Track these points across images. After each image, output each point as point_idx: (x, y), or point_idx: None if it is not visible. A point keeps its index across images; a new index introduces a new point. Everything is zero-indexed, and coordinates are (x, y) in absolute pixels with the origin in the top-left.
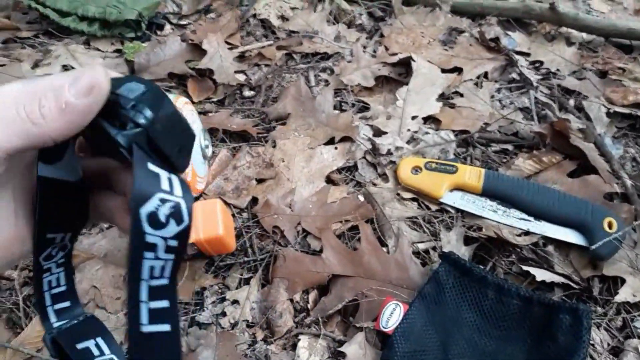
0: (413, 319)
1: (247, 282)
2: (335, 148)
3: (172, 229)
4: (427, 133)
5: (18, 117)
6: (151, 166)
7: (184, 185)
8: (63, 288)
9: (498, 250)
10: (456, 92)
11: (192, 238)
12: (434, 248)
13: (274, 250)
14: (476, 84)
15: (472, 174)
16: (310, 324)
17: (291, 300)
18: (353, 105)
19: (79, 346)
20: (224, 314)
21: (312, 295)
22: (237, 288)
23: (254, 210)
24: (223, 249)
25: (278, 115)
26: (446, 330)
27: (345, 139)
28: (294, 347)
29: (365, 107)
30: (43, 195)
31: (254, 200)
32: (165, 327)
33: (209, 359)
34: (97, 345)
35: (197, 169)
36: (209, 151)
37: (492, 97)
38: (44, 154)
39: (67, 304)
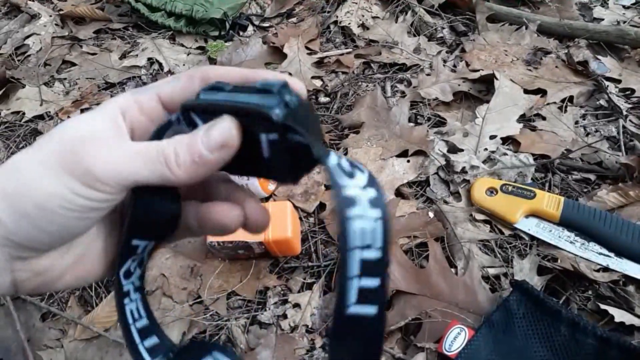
0: (478, 346)
1: (309, 286)
2: (408, 161)
3: (376, 213)
4: (505, 154)
5: (157, 159)
6: (331, 159)
7: (372, 177)
8: (145, 321)
9: (573, 284)
10: (538, 115)
11: (261, 237)
12: (504, 274)
13: (338, 258)
14: (560, 108)
15: (551, 202)
16: None
17: None
18: (429, 119)
19: None
20: (285, 316)
21: None
22: (299, 292)
23: (320, 216)
24: (289, 251)
25: (352, 123)
26: None
27: (418, 153)
28: None
29: (441, 122)
30: (137, 197)
31: (322, 206)
32: (372, 310)
33: (268, 359)
34: None
35: None
36: None
37: (577, 122)
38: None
39: (155, 339)
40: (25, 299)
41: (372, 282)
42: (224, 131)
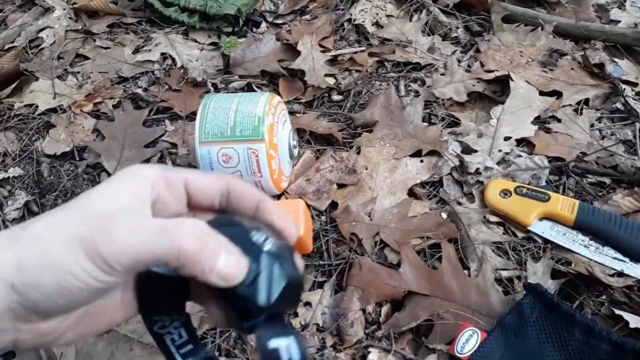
0: (490, 349)
1: (320, 285)
2: (421, 161)
3: None
4: (519, 156)
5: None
6: (271, 343)
7: (300, 343)
8: (185, 338)
9: (587, 289)
10: (553, 117)
11: None
12: (518, 277)
13: (350, 257)
14: (575, 111)
15: (565, 205)
16: (381, 338)
17: (363, 310)
18: (443, 119)
19: None
20: (296, 314)
21: (385, 309)
22: (310, 290)
23: (332, 215)
24: (301, 250)
25: (365, 122)
26: None
27: (432, 153)
28: (363, 358)
29: (455, 122)
30: (142, 286)
31: (334, 205)
32: None
33: None
34: None
35: (283, 168)
36: (296, 151)
37: (592, 125)
38: None
39: (190, 346)
40: None
41: None
42: (234, 267)
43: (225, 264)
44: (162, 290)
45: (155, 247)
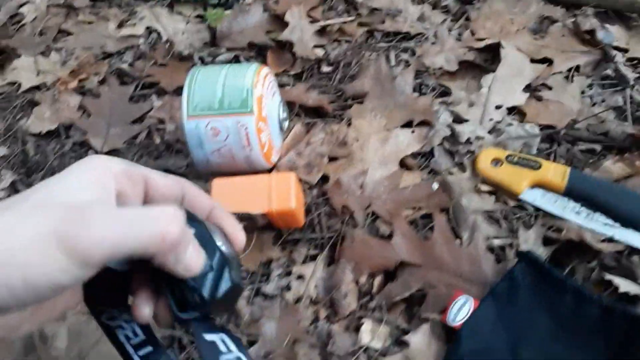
0: (483, 316)
1: (313, 258)
2: (412, 132)
3: None
4: (510, 124)
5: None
6: (207, 336)
7: (235, 339)
8: (142, 338)
9: (578, 255)
10: (544, 85)
11: (264, 209)
12: (510, 245)
13: (342, 230)
14: (566, 78)
15: (557, 172)
16: (374, 309)
17: (356, 282)
18: (433, 89)
19: None
20: (289, 287)
21: (378, 280)
22: (302, 263)
23: (324, 188)
24: (293, 223)
25: (355, 93)
26: (517, 332)
27: (423, 123)
28: (356, 329)
29: (446, 92)
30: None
31: (325, 178)
32: None
33: (272, 330)
34: None
35: (274, 141)
36: (286, 124)
37: (583, 92)
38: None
39: (149, 349)
40: None
41: None
42: (196, 262)
43: (191, 255)
44: (107, 282)
45: (137, 234)
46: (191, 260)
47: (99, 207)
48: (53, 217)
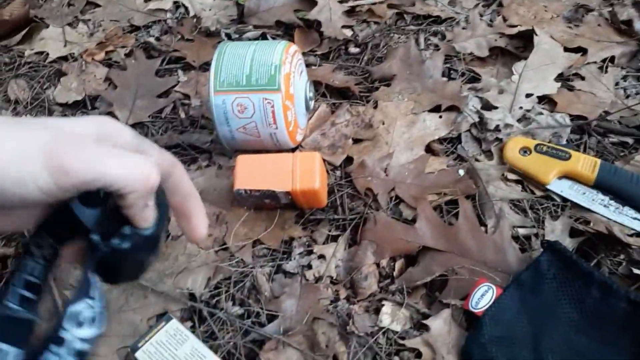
0: (506, 305)
1: (334, 239)
2: (440, 117)
3: (86, 332)
4: (540, 113)
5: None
6: (89, 274)
7: (104, 300)
8: (37, 281)
9: (605, 248)
10: (577, 74)
11: (288, 187)
12: (535, 235)
13: (364, 212)
14: (600, 68)
15: (586, 164)
16: (394, 292)
17: (377, 264)
18: (463, 74)
19: None
20: (309, 266)
21: (399, 264)
22: (324, 243)
23: (347, 170)
24: (315, 203)
25: (382, 75)
26: (540, 322)
27: (451, 109)
28: (376, 311)
29: (475, 78)
30: (58, 215)
31: (349, 160)
32: None
33: (292, 307)
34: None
35: (299, 120)
36: (312, 104)
37: (617, 84)
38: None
39: (33, 296)
40: None
41: None
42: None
43: (150, 209)
44: (62, 215)
45: (126, 168)
46: (150, 213)
47: (95, 140)
48: (46, 134)
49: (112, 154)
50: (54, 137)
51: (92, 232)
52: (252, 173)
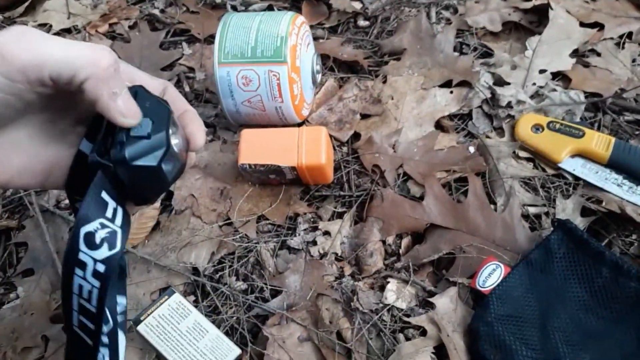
0: (514, 283)
1: (339, 216)
2: (451, 92)
3: (104, 252)
4: (554, 90)
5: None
6: (104, 194)
7: (126, 217)
8: None
9: (617, 228)
10: (592, 50)
11: (293, 162)
12: (546, 214)
13: (371, 189)
14: (617, 44)
15: (600, 142)
16: (400, 269)
17: (383, 241)
18: (475, 49)
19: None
20: (314, 242)
21: (406, 241)
22: (329, 220)
23: (354, 146)
24: (321, 179)
25: (392, 49)
26: (548, 302)
27: (462, 84)
28: (381, 288)
29: (487, 53)
30: (75, 164)
31: (356, 136)
32: (89, 341)
33: (296, 283)
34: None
35: (306, 94)
36: (319, 78)
37: (634, 61)
38: (90, 133)
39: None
40: (54, 212)
41: (88, 323)
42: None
43: (125, 100)
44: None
45: (73, 52)
46: (126, 104)
47: (43, 33)
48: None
49: (57, 41)
50: (3, 34)
51: (90, 152)
52: (257, 147)
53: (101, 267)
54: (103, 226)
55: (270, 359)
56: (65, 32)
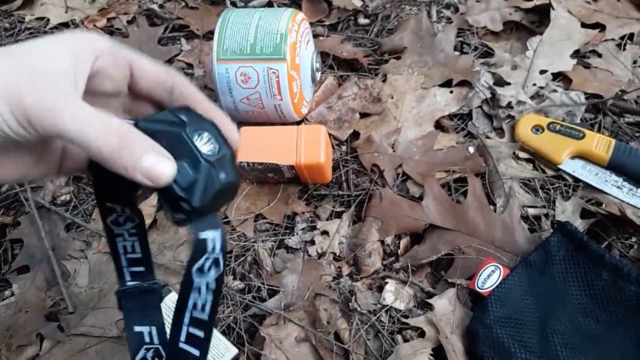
0: (513, 285)
1: (338, 215)
2: (451, 92)
3: (212, 275)
4: (554, 91)
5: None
6: (203, 234)
7: (223, 241)
8: (138, 255)
9: (617, 230)
10: (594, 52)
11: (292, 161)
12: (545, 215)
13: (370, 188)
14: (618, 46)
15: (601, 144)
16: (399, 270)
17: (382, 242)
18: (476, 48)
19: (136, 329)
20: (312, 242)
21: (404, 241)
22: (327, 219)
23: (353, 145)
24: (320, 178)
25: (393, 47)
26: (547, 304)
27: (462, 84)
28: (379, 289)
29: (488, 53)
30: (94, 172)
31: (355, 135)
32: (195, 352)
33: (294, 283)
34: (150, 334)
35: (305, 92)
36: (318, 76)
37: (635, 62)
38: None
39: (141, 268)
40: (50, 208)
41: (198, 333)
42: (163, 167)
43: (150, 164)
44: (112, 175)
45: (80, 124)
46: (152, 168)
47: (64, 77)
48: (11, 69)
49: (69, 105)
50: (17, 75)
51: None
52: (255, 145)
53: (213, 285)
54: (208, 258)
55: (267, 359)
56: (63, 26)
